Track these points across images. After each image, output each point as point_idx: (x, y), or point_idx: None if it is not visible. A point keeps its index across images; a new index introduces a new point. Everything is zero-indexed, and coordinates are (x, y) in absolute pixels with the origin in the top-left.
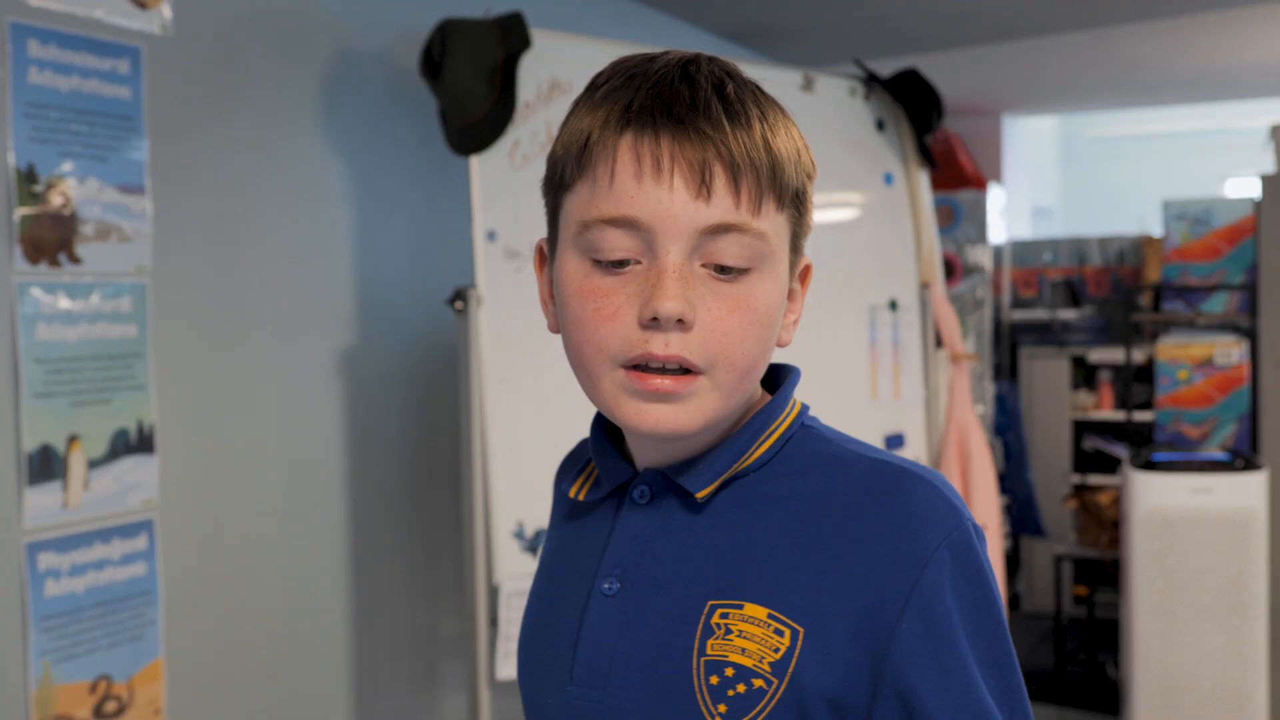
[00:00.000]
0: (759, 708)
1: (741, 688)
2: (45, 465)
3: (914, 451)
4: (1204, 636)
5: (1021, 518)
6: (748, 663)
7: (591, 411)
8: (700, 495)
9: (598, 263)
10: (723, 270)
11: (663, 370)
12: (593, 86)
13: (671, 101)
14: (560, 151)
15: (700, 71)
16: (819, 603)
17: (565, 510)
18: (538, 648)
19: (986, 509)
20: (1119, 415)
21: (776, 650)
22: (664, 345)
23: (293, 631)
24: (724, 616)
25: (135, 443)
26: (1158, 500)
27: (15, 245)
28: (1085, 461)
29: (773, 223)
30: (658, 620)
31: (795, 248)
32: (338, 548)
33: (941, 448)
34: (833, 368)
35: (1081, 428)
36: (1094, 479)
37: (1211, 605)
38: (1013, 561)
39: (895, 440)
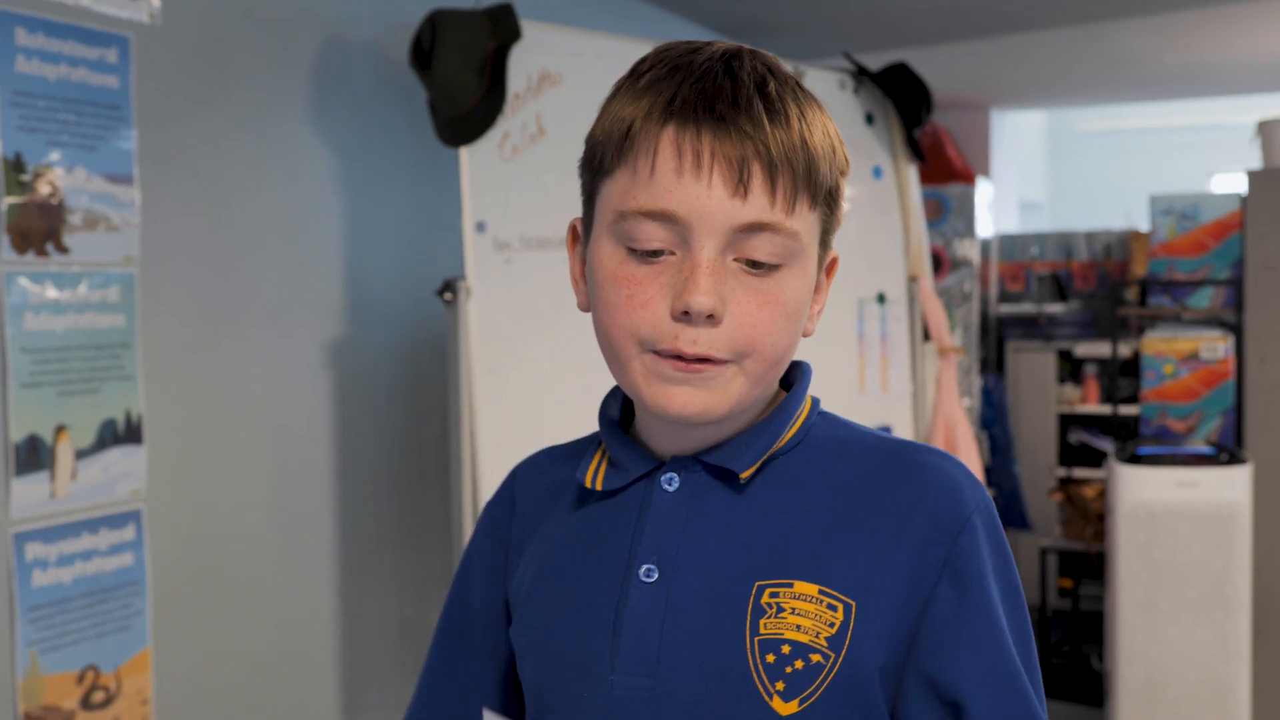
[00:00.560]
0: (817, 682)
1: (799, 664)
2: (32, 455)
3: None
4: (1188, 630)
5: (1007, 510)
6: (804, 639)
7: (582, 405)
8: (744, 475)
9: (632, 251)
10: (754, 265)
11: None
12: (635, 73)
13: (714, 98)
14: (600, 136)
15: (743, 67)
16: (867, 576)
17: (571, 502)
18: (564, 643)
19: None
20: (1105, 409)
21: (831, 625)
22: (692, 343)
23: (281, 622)
24: (774, 595)
25: (123, 433)
26: (1143, 494)
27: (2, 235)
28: (1071, 455)
29: (805, 221)
30: (704, 604)
31: (824, 243)
32: (326, 538)
33: (928, 440)
34: (820, 361)
35: (1067, 421)
36: (1079, 472)
37: (1196, 599)
38: None
39: (882, 432)
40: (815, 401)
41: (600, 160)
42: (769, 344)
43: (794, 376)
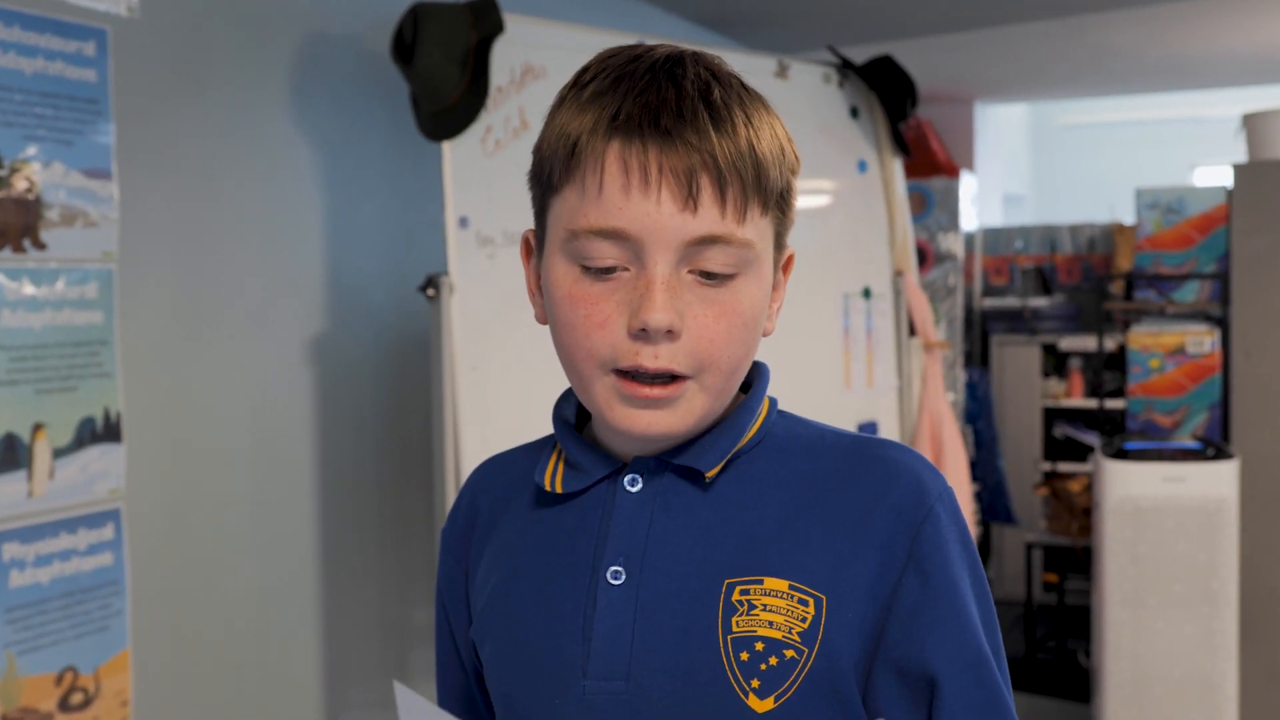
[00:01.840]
0: (792, 678)
1: (774, 660)
2: (9, 454)
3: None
4: (1174, 625)
5: (992, 505)
6: (777, 635)
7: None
8: (710, 474)
9: (586, 269)
10: (709, 276)
11: (652, 379)
12: (578, 84)
13: (658, 111)
14: (546, 150)
15: (686, 76)
16: (836, 570)
17: (527, 505)
18: (533, 650)
19: (958, 496)
20: (1090, 403)
21: (804, 620)
22: (653, 358)
23: (262, 621)
24: (744, 593)
25: (102, 431)
26: (1129, 489)
27: None
28: (1056, 449)
29: (757, 227)
30: (674, 604)
31: (779, 245)
32: (308, 537)
33: (914, 436)
34: (806, 356)
35: (1052, 415)
36: (1064, 466)
37: (1182, 594)
38: (983, 548)
39: (868, 428)
40: (773, 401)
41: (548, 176)
42: (726, 356)
43: (752, 377)
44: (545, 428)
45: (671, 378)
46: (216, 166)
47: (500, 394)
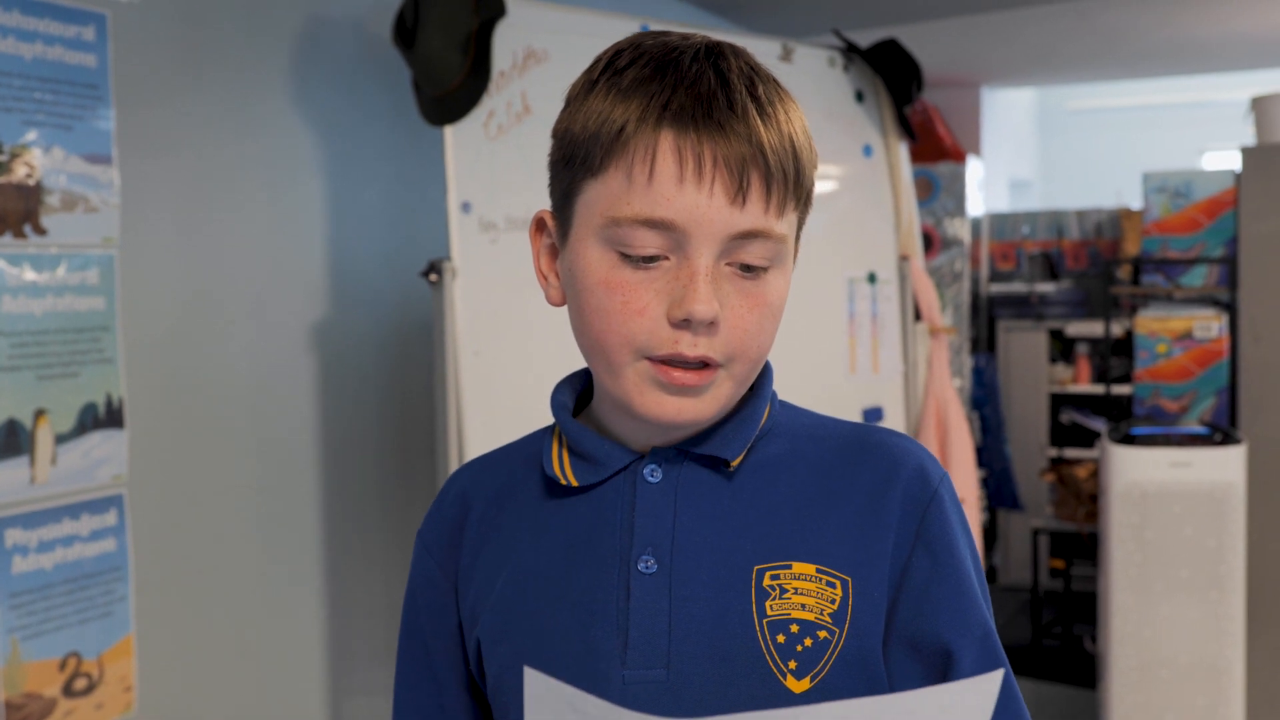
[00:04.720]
0: (825, 657)
1: (809, 641)
2: (11, 440)
3: (892, 425)
4: (1181, 610)
5: (998, 491)
6: (809, 617)
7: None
8: (734, 464)
9: (625, 256)
10: (746, 268)
11: (687, 366)
12: (613, 69)
13: (710, 104)
14: (581, 134)
15: (731, 69)
16: (855, 553)
17: (530, 502)
18: (564, 645)
19: (964, 482)
20: (1097, 389)
21: (833, 601)
22: (692, 346)
23: (266, 607)
24: (775, 578)
25: (104, 417)
26: (1136, 474)
27: None
28: (1062, 435)
29: (789, 222)
30: (708, 591)
31: (798, 237)
32: (311, 522)
33: (920, 422)
34: (810, 341)
35: (1059, 401)
36: (1071, 452)
37: (1189, 579)
38: (990, 534)
39: (873, 414)
40: (774, 392)
41: (584, 159)
42: (755, 345)
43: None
44: (548, 413)
45: (704, 364)
46: (217, 151)
47: (503, 379)
